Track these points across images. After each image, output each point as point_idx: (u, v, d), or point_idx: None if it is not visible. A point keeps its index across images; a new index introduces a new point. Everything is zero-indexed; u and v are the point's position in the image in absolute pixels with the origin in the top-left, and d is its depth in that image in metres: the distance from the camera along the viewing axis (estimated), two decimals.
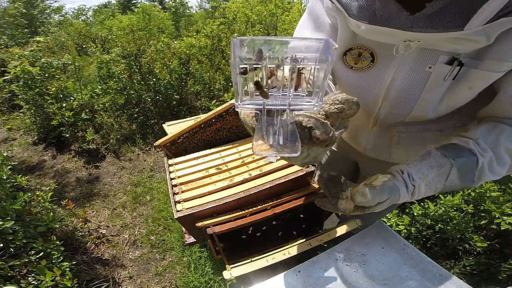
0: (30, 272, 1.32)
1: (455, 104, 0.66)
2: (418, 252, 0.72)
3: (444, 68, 0.61)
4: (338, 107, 0.56)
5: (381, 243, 0.76)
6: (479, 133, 0.62)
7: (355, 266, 0.70)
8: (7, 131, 3.47)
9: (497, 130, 0.62)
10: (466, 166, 0.61)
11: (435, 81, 0.63)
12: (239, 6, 4.31)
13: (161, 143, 1.21)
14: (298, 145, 0.46)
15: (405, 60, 0.64)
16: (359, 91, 0.76)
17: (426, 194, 0.63)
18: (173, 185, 1.07)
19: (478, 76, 0.58)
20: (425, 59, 0.62)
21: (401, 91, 0.69)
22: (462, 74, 0.59)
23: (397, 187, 0.60)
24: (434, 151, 0.63)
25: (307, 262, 0.72)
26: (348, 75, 0.76)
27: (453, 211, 1.50)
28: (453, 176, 0.61)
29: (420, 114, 0.71)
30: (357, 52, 0.70)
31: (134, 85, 3.21)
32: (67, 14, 8.28)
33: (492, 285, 1.46)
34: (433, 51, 0.60)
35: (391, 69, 0.67)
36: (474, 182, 0.62)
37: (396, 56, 0.64)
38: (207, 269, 1.75)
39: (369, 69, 0.70)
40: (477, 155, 0.61)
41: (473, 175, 0.61)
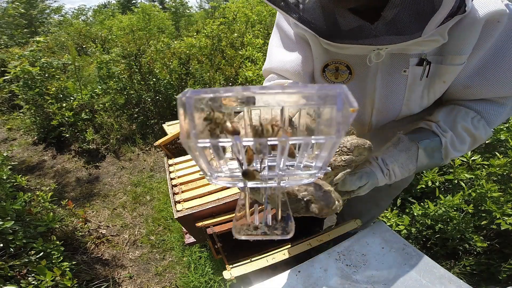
0: (30, 272, 1.32)
1: (434, 97, 0.73)
2: (418, 252, 0.72)
3: (417, 70, 0.67)
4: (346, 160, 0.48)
5: (381, 243, 0.76)
6: (440, 116, 0.71)
7: (355, 266, 0.70)
8: (7, 131, 3.47)
9: (454, 112, 0.71)
10: (431, 146, 0.70)
11: (413, 82, 0.70)
12: (239, 6, 4.31)
13: (161, 143, 1.21)
14: (291, 225, 0.37)
15: (380, 67, 0.70)
16: None
17: (403, 175, 0.70)
18: (173, 185, 1.07)
19: (447, 70, 0.65)
20: (398, 64, 0.69)
21: (386, 97, 0.74)
22: (432, 71, 0.67)
23: (373, 172, 0.67)
24: (403, 137, 0.71)
25: (307, 262, 0.72)
26: None
27: (453, 211, 1.50)
28: (422, 156, 0.70)
29: (408, 112, 0.77)
30: (334, 67, 0.74)
31: (134, 85, 3.21)
32: (67, 14, 8.29)
33: (492, 285, 1.46)
34: (403, 55, 0.66)
35: (371, 79, 0.72)
36: (443, 160, 0.71)
37: (370, 66, 0.69)
38: (207, 269, 1.75)
39: (349, 81, 0.75)
40: (440, 136, 0.69)
41: (440, 153, 0.70)
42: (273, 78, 0.83)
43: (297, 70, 0.78)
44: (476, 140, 0.71)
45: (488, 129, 0.71)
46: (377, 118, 0.80)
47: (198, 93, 0.24)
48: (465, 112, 0.71)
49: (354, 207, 1.22)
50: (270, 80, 0.84)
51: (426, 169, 0.74)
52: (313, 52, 0.76)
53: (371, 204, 1.14)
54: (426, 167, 0.72)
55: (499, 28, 0.60)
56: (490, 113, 0.71)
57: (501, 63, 0.64)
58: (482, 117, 0.70)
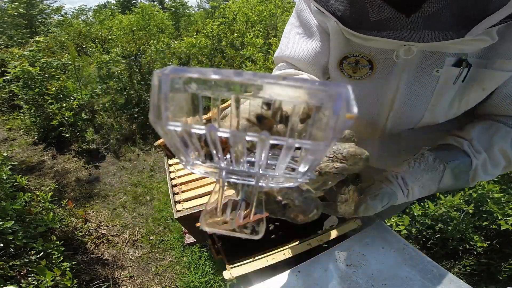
0: (30, 272, 1.32)
1: (466, 107, 0.64)
2: (418, 252, 0.72)
3: (452, 71, 0.58)
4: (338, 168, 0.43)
5: (381, 243, 0.75)
6: (474, 133, 0.61)
7: (355, 266, 0.70)
8: (7, 131, 3.47)
9: (492, 130, 0.60)
10: (460, 168, 0.60)
11: (445, 85, 0.60)
12: (239, 6, 4.32)
13: (161, 143, 1.21)
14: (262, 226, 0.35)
15: (408, 65, 0.61)
16: (361, 102, 0.71)
17: (421, 195, 0.62)
18: (173, 185, 1.07)
19: (490, 76, 0.56)
20: (430, 63, 0.59)
21: (408, 99, 0.65)
22: (471, 75, 0.57)
23: (394, 192, 0.60)
24: (428, 153, 0.61)
25: (307, 262, 0.72)
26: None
27: (453, 211, 1.50)
28: (447, 178, 0.60)
29: (430, 121, 0.68)
30: (354, 60, 0.66)
31: (134, 85, 3.21)
32: (67, 14, 8.28)
33: (492, 285, 1.46)
34: (437, 53, 0.57)
35: (394, 77, 0.63)
36: (468, 183, 0.61)
37: (397, 62, 0.61)
38: (207, 269, 1.75)
39: (369, 77, 0.66)
40: (471, 157, 0.59)
41: (467, 176, 0.60)
42: (283, 66, 0.77)
43: (309, 61, 0.72)
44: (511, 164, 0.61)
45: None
46: (394, 122, 0.71)
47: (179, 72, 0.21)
48: (505, 131, 0.60)
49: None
50: (280, 68, 0.77)
51: (447, 190, 0.66)
52: (332, 42, 0.69)
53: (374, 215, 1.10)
54: (449, 188, 0.63)
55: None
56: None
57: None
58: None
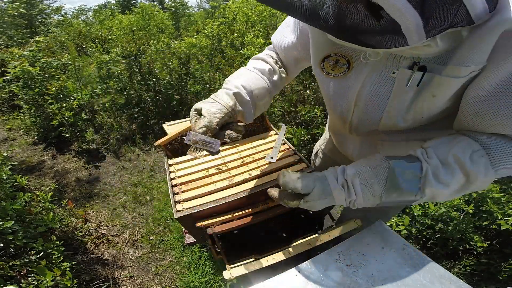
0: (30, 272, 1.32)
1: (422, 114, 0.65)
2: (418, 252, 0.72)
3: (406, 73, 0.60)
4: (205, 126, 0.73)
5: (381, 243, 0.75)
6: (434, 142, 0.61)
7: (355, 266, 0.70)
8: (7, 131, 3.47)
9: (454, 142, 0.60)
10: (407, 170, 0.59)
11: (399, 87, 0.63)
12: (239, 6, 4.32)
13: (161, 143, 1.21)
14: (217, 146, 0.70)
15: (376, 66, 0.65)
16: (334, 98, 0.78)
17: (366, 197, 0.61)
18: (173, 185, 1.07)
19: (440, 82, 0.57)
20: (391, 65, 0.63)
21: (369, 98, 0.70)
22: (426, 81, 0.58)
23: (324, 176, 0.64)
24: (378, 154, 0.64)
25: (307, 262, 0.72)
26: (324, 82, 0.78)
27: (453, 211, 1.50)
28: (393, 180, 0.59)
29: (390, 123, 0.71)
30: (335, 59, 0.71)
31: (134, 85, 3.21)
32: (66, 14, 8.29)
33: (492, 285, 1.46)
34: (399, 56, 0.60)
35: (362, 75, 0.68)
36: (420, 190, 0.59)
37: (367, 63, 0.65)
38: (207, 269, 1.75)
39: (345, 75, 0.71)
40: (422, 161, 0.59)
41: (417, 181, 0.59)
42: (270, 48, 0.93)
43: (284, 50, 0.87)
44: (469, 178, 0.57)
45: (491, 170, 0.57)
46: (358, 118, 0.77)
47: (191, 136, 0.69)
48: (467, 143, 0.59)
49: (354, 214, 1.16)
50: (269, 49, 0.93)
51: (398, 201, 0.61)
52: (314, 42, 0.75)
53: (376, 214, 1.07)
54: (397, 197, 0.61)
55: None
56: (501, 152, 0.56)
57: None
58: (488, 154, 0.57)
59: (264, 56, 0.90)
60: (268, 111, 2.59)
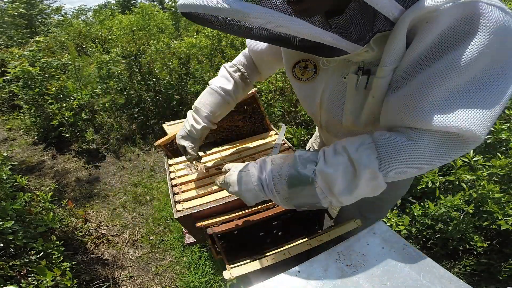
0: (30, 272, 1.32)
1: (372, 114, 0.68)
2: (418, 252, 0.72)
3: (353, 78, 0.65)
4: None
5: (381, 243, 0.75)
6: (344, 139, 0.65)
7: (355, 266, 0.70)
8: (7, 131, 3.47)
9: (354, 137, 0.63)
10: (306, 156, 0.66)
11: (351, 91, 0.68)
12: None
13: (161, 143, 1.21)
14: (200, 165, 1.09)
15: (334, 71, 0.71)
16: (304, 100, 0.86)
17: (274, 176, 0.66)
18: (173, 185, 1.07)
19: (376, 84, 0.60)
20: (343, 70, 0.68)
21: (330, 100, 0.76)
22: (370, 83, 0.63)
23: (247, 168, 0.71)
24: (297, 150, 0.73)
25: (307, 262, 0.72)
26: (296, 86, 0.85)
27: (453, 211, 1.50)
28: (295, 163, 0.65)
29: (350, 123, 0.75)
30: (304, 65, 0.78)
31: (134, 85, 3.21)
32: (67, 14, 8.29)
33: (492, 285, 1.46)
34: (349, 61, 0.66)
35: (324, 80, 0.74)
36: (313, 174, 0.62)
37: (327, 68, 0.72)
38: (207, 269, 1.75)
39: (312, 79, 0.77)
40: (320, 150, 0.66)
41: (313, 165, 0.63)
42: (244, 53, 1.03)
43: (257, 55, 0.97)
44: (355, 167, 0.58)
45: (374, 161, 0.56)
46: (325, 119, 0.84)
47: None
48: (361, 137, 0.61)
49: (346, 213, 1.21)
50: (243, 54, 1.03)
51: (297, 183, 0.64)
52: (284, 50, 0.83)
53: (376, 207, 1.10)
54: (297, 179, 0.63)
55: (432, 31, 0.48)
56: (386, 143, 0.56)
57: (419, 78, 0.52)
58: (376, 147, 0.57)
59: (231, 71, 1.00)
60: (268, 111, 2.59)
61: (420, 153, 0.54)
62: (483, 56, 0.47)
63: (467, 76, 0.48)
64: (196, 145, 1.00)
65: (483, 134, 0.49)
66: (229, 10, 0.45)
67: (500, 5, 0.47)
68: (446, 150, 0.53)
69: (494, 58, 0.48)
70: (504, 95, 0.49)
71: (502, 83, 0.49)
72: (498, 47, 0.47)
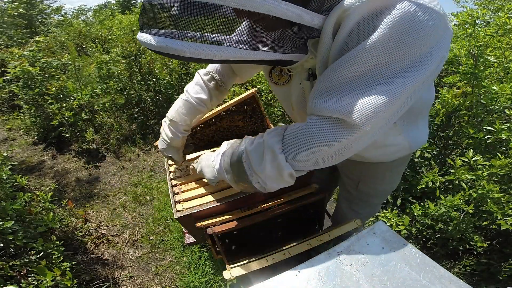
0: (30, 272, 1.32)
1: None
2: (418, 252, 0.72)
3: (307, 84, 0.73)
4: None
5: (381, 243, 0.75)
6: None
7: (355, 266, 0.70)
8: (7, 131, 3.47)
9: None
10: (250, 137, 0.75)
11: (307, 95, 0.75)
12: None
13: None
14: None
15: (297, 77, 0.77)
16: (282, 102, 0.94)
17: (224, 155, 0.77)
18: (173, 185, 1.07)
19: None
20: (301, 76, 0.75)
21: (297, 104, 0.84)
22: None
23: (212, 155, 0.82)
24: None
25: (307, 262, 0.72)
26: (274, 89, 0.91)
27: (453, 211, 1.50)
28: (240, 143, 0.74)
29: None
30: (279, 69, 0.82)
31: (134, 85, 3.21)
32: (67, 14, 8.28)
33: (492, 285, 1.46)
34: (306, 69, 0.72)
35: (292, 84, 0.80)
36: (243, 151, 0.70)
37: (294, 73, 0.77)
38: (207, 269, 1.75)
39: (288, 83, 0.82)
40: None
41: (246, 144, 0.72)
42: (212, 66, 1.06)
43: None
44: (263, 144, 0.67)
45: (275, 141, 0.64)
46: (299, 119, 0.90)
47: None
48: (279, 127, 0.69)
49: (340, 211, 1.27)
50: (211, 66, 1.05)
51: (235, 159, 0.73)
52: None
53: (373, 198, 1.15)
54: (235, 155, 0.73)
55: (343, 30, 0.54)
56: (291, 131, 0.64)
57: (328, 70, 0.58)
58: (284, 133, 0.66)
59: (205, 79, 1.01)
60: (268, 111, 2.59)
61: (312, 137, 0.59)
62: (377, 52, 0.50)
63: (356, 70, 0.52)
64: (180, 152, 1.06)
65: (362, 123, 0.53)
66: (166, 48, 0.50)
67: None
68: (332, 134, 0.57)
69: (392, 55, 0.50)
70: (398, 91, 0.51)
71: (397, 80, 0.51)
72: (397, 45, 0.49)
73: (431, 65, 0.52)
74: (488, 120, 1.70)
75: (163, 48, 0.50)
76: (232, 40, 0.59)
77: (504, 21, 1.74)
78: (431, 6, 0.49)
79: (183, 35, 0.51)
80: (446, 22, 0.52)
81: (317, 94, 0.59)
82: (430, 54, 0.51)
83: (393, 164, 0.96)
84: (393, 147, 0.86)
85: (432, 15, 0.49)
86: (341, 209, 1.23)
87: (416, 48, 0.49)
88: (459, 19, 1.77)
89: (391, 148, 0.87)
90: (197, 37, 0.52)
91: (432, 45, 0.51)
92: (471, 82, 1.82)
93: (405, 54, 0.50)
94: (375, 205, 1.19)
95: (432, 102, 0.87)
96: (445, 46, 0.54)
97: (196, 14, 0.49)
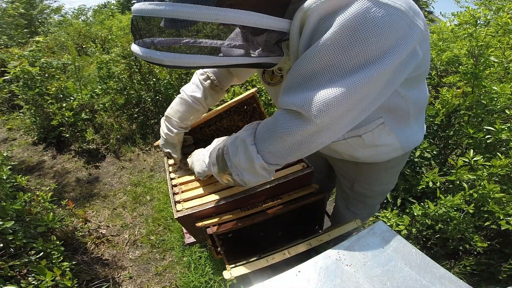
0: (30, 272, 1.32)
1: None
2: (418, 252, 0.72)
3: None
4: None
5: (381, 243, 0.75)
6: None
7: (355, 266, 0.70)
8: (7, 131, 3.47)
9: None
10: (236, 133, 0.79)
11: None
12: None
13: None
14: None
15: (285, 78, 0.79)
16: (275, 102, 0.93)
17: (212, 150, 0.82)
18: (173, 185, 1.07)
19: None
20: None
21: None
22: None
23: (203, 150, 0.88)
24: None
25: (307, 262, 0.72)
26: (268, 89, 0.93)
27: (453, 211, 1.50)
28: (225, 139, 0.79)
29: None
30: (271, 70, 0.83)
31: (134, 85, 3.21)
32: (66, 14, 8.28)
33: (492, 285, 1.46)
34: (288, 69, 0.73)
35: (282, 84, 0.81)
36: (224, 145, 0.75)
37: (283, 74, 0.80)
38: (207, 269, 1.75)
39: (280, 83, 0.84)
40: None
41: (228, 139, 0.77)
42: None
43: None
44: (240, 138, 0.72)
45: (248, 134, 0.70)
46: None
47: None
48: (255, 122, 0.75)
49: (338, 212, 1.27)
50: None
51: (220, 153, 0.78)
52: None
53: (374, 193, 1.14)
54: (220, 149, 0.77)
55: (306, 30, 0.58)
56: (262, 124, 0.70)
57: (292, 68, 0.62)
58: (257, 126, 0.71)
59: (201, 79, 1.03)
60: (268, 111, 2.59)
61: (276, 128, 0.64)
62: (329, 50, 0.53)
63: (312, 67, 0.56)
64: (177, 149, 1.09)
65: (314, 116, 0.56)
66: (150, 58, 0.55)
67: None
68: (291, 125, 0.61)
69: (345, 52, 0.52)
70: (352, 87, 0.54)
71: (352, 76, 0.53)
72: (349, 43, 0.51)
73: (392, 61, 0.52)
74: (488, 120, 1.70)
75: (148, 58, 0.55)
76: (208, 48, 0.61)
77: (506, 21, 1.74)
78: (388, 3, 0.49)
79: (163, 46, 0.55)
80: (410, 18, 0.52)
81: (283, 90, 0.64)
82: (391, 50, 0.52)
83: (387, 165, 0.96)
84: (385, 147, 0.86)
85: (389, 11, 0.49)
86: (338, 209, 1.23)
87: (371, 44, 0.50)
88: (460, 19, 1.77)
89: (382, 149, 0.87)
90: (176, 47, 0.56)
91: (393, 41, 0.51)
92: (471, 82, 1.82)
93: (359, 51, 0.51)
94: (372, 205, 1.19)
95: (426, 102, 0.87)
96: (411, 42, 0.53)
97: (173, 28, 0.53)
